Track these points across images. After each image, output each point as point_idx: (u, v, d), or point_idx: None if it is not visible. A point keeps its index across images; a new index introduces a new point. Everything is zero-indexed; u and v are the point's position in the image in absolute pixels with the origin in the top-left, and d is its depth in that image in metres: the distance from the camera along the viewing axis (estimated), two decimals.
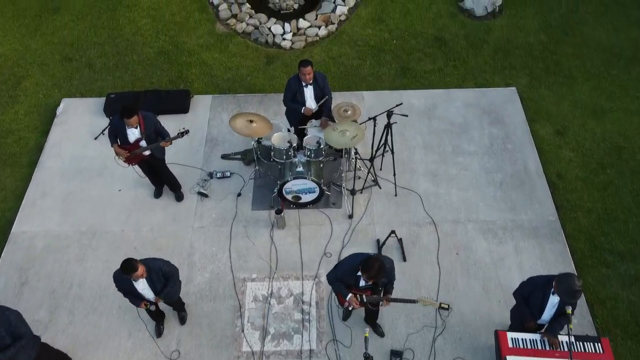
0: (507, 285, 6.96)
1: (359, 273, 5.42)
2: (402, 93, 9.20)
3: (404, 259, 7.27)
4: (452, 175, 8.15)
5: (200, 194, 7.95)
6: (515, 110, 8.93)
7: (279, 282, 7.10)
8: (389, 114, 6.95)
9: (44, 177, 8.25)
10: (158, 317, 6.64)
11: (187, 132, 7.01)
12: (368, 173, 7.78)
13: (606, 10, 10.43)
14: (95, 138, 8.66)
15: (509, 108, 8.96)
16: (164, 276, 5.83)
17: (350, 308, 6.02)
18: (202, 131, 8.76)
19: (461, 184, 8.04)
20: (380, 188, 7.95)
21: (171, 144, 7.09)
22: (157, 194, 7.95)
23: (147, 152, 7.09)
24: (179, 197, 7.91)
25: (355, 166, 7.78)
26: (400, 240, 7.40)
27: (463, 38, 10.11)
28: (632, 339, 6.67)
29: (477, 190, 7.97)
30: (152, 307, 5.99)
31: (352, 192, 7.78)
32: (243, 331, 6.72)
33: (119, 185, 8.11)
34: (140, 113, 6.76)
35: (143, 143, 6.91)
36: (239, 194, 7.96)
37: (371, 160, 7.72)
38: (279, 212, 7.36)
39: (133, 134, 6.83)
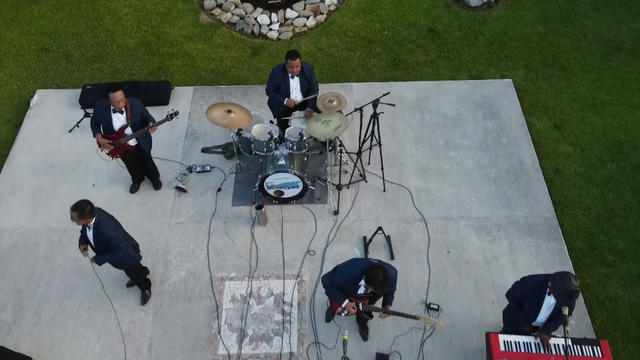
0: (500, 285, 6.55)
1: (361, 282, 5.00)
2: (392, 85, 8.79)
3: (392, 257, 6.85)
4: (444, 170, 7.74)
5: (179, 188, 7.53)
6: (510, 103, 8.53)
7: (259, 282, 6.68)
8: (375, 103, 6.53)
9: (13, 172, 7.83)
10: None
11: (176, 114, 6.60)
12: (355, 167, 7.35)
13: (607, 1, 10.03)
14: (70, 131, 8.25)
15: (505, 101, 8.56)
16: (108, 243, 5.48)
17: (344, 314, 5.54)
18: (182, 124, 8.35)
19: (453, 180, 7.63)
20: (367, 182, 7.53)
21: (156, 129, 6.64)
22: (134, 189, 7.55)
23: (132, 142, 6.67)
24: (157, 185, 7.51)
25: (341, 160, 7.35)
26: (388, 238, 6.99)
27: (457, 29, 9.71)
28: (633, 343, 6.26)
29: (470, 186, 7.56)
30: (86, 256, 5.73)
31: (338, 187, 7.37)
32: (219, 333, 6.29)
33: (92, 181, 7.70)
34: (127, 98, 6.36)
35: (128, 131, 6.49)
36: (219, 189, 7.54)
37: (358, 154, 7.32)
38: (259, 207, 6.95)
39: (118, 119, 6.42)
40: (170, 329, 6.35)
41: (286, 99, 7.11)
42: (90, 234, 5.50)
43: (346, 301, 5.29)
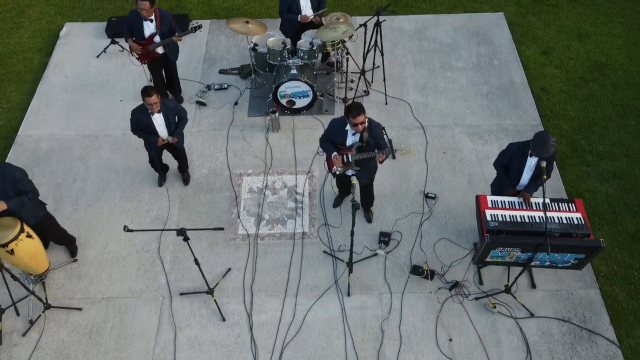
0: (491, 179, 7.20)
1: (347, 127, 5.75)
2: (393, 18, 9.52)
3: (394, 157, 7.55)
4: (440, 87, 8.49)
5: (199, 102, 8.28)
6: (502, 33, 9.27)
7: (274, 177, 7.43)
8: (378, 11, 7.27)
9: (48, 90, 8.57)
10: (162, 170, 7.28)
11: (199, 27, 7.34)
12: (359, 81, 8.10)
13: None
14: (97, 56, 8.98)
15: (497, 31, 9.30)
16: (178, 113, 6.44)
17: (337, 171, 6.16)
18: (200, 51, 9.10)
19: (449, 95, 8.38)
20: (371, 86, 8.33)
21: (181, 39, 7.38)
22: None
23: (160, 50, 7.40)
24: (180, 100, 8.26)
25: (347, 77, 8.09)
26: (390, 141, 7.71)
27: None
28: (608, 225, 7.00)
29: (464, 100, 8.30)
30: (170, 140, 6.52)
31: (344, 100, 8.11)
32: (239, 217, 7.04)
33: (120, 97, 8.43)
34: (158, 9, 7.14)
35: (157, 39, 7.24)
36: (236, 103, 8.29)
37: (362, 72, 8.05)
38: (273, 112, 7.68)
39: (149, 27, 7.16)
40: (194, 214, 7.10)
41: (300, 15, 7.81)
42: (161, 119, 6.34)
43: (335, 153, 5.96)
